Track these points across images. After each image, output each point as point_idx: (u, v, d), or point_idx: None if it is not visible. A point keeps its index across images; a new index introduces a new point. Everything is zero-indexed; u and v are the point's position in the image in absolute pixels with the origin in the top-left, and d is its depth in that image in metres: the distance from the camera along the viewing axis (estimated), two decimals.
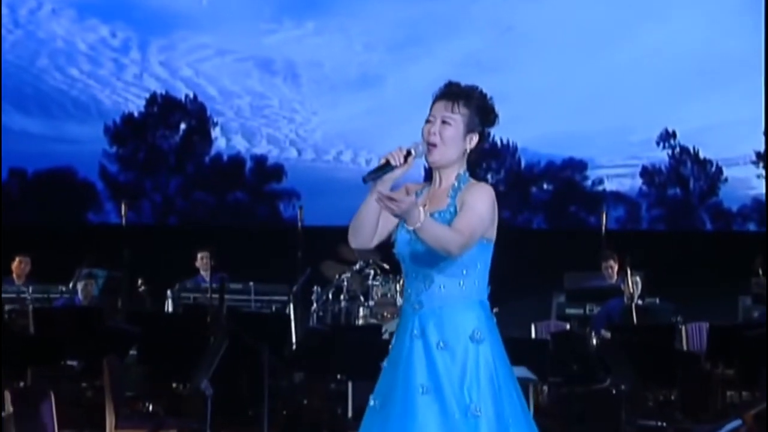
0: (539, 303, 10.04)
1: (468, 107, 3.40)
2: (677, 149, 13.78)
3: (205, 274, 9.87)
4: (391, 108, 13.61)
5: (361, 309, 9.50)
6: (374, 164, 3.27)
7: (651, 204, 13.95)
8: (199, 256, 10.00)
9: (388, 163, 3.26)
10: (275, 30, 13.93)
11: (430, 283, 3.33)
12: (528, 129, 12.79)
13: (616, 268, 9.35)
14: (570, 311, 9.51)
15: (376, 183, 3.27)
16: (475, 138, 3.42)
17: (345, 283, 9.59)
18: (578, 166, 13.86)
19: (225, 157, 13.97)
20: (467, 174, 3.43)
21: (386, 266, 9.78)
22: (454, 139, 3.39)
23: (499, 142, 13.53)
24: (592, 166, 13.80)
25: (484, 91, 3.47)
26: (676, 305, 8.97)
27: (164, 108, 14.04)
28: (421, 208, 3.17)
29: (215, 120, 13.99)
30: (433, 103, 3.44)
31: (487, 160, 13.30)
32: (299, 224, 9.93)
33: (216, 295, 8.25)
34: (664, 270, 10.37)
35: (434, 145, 3.37)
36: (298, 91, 13.95)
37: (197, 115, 14.02)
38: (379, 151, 13.75)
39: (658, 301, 9.17)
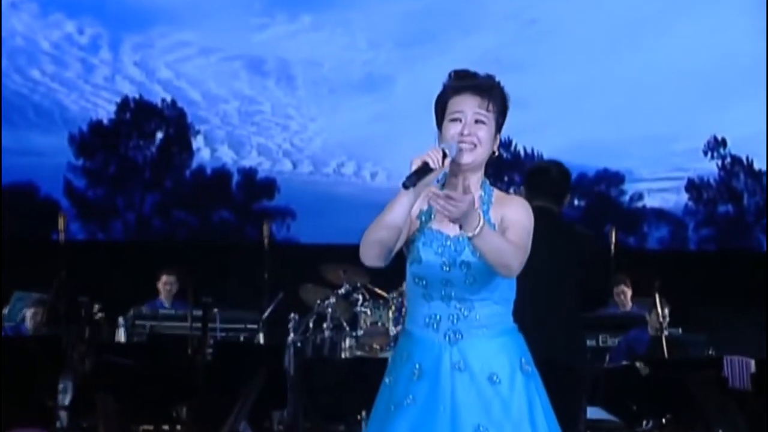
0: None
1: (496, 104, 3.50)
2: (728, 159, 13.84)
3: (165, 299, 10.10)
4: (400, 113, 13.69)
5: (347, 339, 9.67)
6: (403, 173, 3.35)
7: (699, 223, 14.01)
8: (162, 278, 10.20)
9: (426, 165, 3.32)
10: (267, 25, 14.13)
11: (468, 309, 3.41)
12: (555, 136, 12.89)
13: (629, 294, 9.50)
14: None
15: (413, 188, 3.31)
16: (498, 139, 3.52)
17: (328, 309, 9.77)
18: (614, 178, 13.96)
19: (209, 171, 14.12)
20: (488, 181, 3.53)
21: (377, 290, 9.97)
22: (489, 141, 3.47)
23: (522, 152, 13.72)
24: (630, 179, 13.89)
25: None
26: (707, 336, 9.16)
27: (138, 114, 14.20)
28: (480, 211, 3.25)
29: (197, 128, 14.15)
30: (451, 95, 3.49)
31: (508, 172, 13.42)
32: (266, 240, 10.10)
33: (186, 324, 8.40)
34: (689, 297, 10.61)
35: (471, 147, 3.43)
36: (294, 94, 14.13)
37: (177, 123, 14.18)
38: (386, 164, 14.02)
39: (680, 331, 9.36)
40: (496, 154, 3.52)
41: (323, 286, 10.08)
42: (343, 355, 9.55)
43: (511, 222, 3.42)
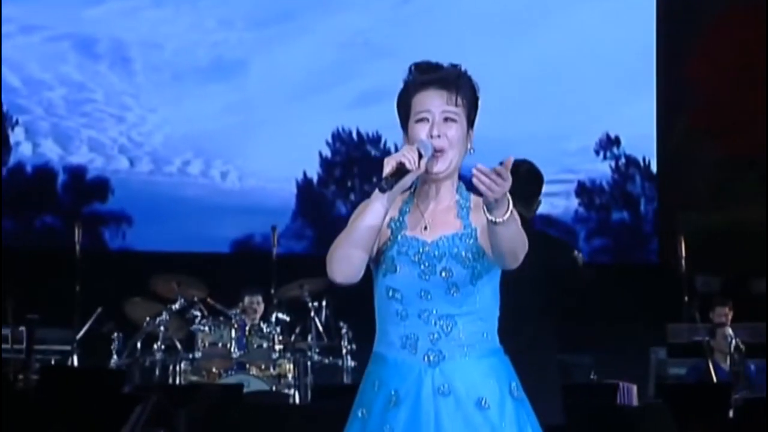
0: None
1: (466, 97, 3.63)
2: (622, 160, 14.12)
3: None
4: (254, 103, 13.74)
5: (182, 362, 9.70)
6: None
7: (591, 231, 14.23)
8: None
9: (402, 165, 3.44)
10: (100, 0, 13.96)
11: (451, 326, 3.48)
12: None
13: None
14: None
15: (389, 192, 3.45)
16: (472, 135, 3.66)
17: (160, 327, 9.72)
18: None
19: (29, 169, 13.89)
20: (462, 185, 3.64)
21: (217, 306, 9.97)
22: (461, 139, 3.59)
23: (392, 149, 13.70)
24: None
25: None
26: (594, 360, 9.43)
27: None
28: (508, 196, 3.33)
29: (16, 119, 13.92)
30: (414, 93, 3.58)
31: (378, 173, 13.46)
32: (77, 247, 10.04)
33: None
34: (576, 314, 10.87)
35: (441, 150, 3.54)
36: (131, 81, 13.97)
37: None
38: (239, 161, 13.99)
39: None
40: (473, 151, 3.60)
41: (154, 301, 10.04)
42: (177, 381, 9.50)
43: None
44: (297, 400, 9.88)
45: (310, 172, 13.67)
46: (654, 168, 14.04)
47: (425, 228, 3.55)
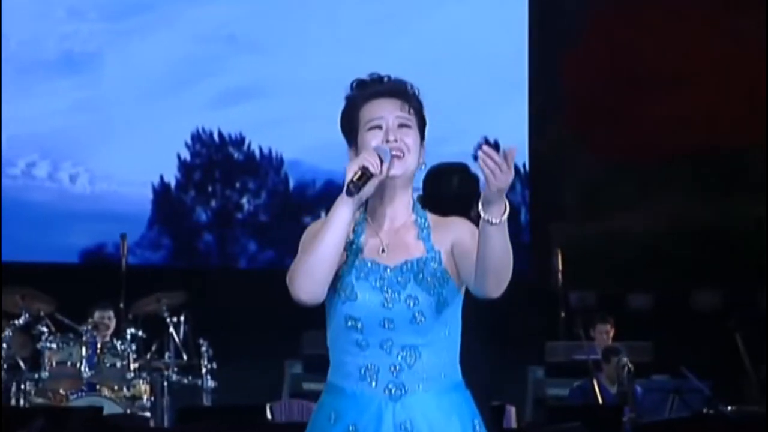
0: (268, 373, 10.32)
1: (415, 108, 3.64)
2: None
3: None
4: (108, 101, 13.61)
5: (26, 383, 9.58)
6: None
7: None
8: None
9: (367, 170, 3.45)
10: None
11: (414, 357, 3.49)
12: (300, 135, 12.96)
13: None
14: (311, 386, 9.87)
15: (355, 199, 3.46)
16: (424, 149, 3.65)
17: (2, 345, 9.61)
18: None
19: None
20: (418, 203, 3.66)
21: (66, 321, 9.89)
22: (417, 149, 3.61)
23: (257, 152, 13.67)
24: None
25: None
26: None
27: None
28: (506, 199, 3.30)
29: None
30: (363, 103, 3.60)
31: (241, 177, 13.35)
32: None
33: None
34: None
35: (400, 154, 3.55)
36: None
37: None
38: (90, 164, 13.76)
39: None
40: (425, 165, 3.61)
41: None
42: (21, 403, 9.45)
43: (472, 243, 3.46)
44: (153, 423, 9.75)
45: (168, 176, 13.54)
46: None
47: (383, 250, 3.54)
